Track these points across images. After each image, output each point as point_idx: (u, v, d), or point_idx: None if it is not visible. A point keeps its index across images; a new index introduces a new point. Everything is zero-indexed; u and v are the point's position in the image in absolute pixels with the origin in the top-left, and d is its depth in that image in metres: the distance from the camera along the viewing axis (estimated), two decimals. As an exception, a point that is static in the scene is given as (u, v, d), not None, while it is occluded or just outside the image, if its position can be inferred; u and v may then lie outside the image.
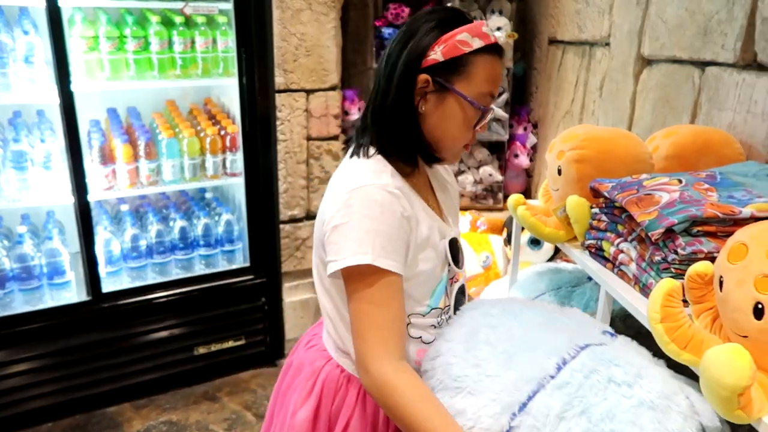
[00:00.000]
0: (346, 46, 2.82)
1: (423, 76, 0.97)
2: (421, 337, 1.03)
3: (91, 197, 2.13)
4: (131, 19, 2.18)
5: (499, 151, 2.88)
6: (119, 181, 2.24)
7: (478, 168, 2.88)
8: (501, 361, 0.89)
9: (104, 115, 2.43)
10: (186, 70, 2.28)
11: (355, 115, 2.83)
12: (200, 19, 2.25)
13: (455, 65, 0.96)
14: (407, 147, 1.00)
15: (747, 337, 0.79)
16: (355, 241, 0.90)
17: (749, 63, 1.47)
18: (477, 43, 0.96)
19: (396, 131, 0.99)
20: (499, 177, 2.84)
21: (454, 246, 1.06)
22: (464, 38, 0.96)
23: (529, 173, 2.93)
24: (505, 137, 2.79)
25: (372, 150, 1.00)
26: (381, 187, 0.93)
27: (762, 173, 1.17)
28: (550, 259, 2.21)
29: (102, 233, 2.24)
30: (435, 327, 1.03)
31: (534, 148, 2.83)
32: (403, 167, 1.01)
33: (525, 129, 2.83)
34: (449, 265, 1.05)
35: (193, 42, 2.27)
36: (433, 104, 0.98)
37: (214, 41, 2.29)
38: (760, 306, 0.76)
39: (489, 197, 2.90)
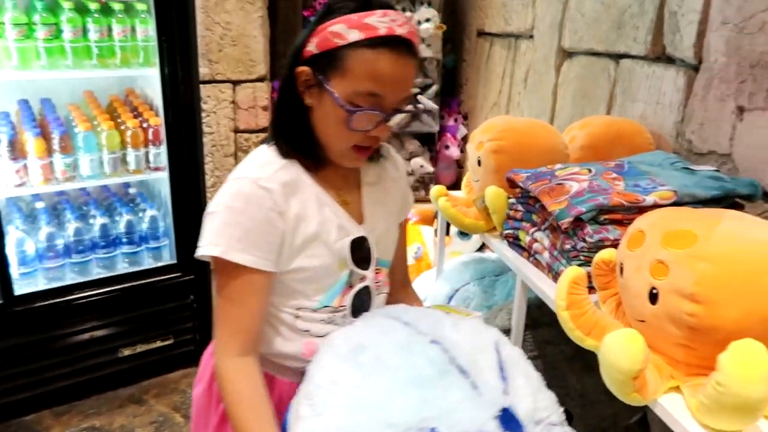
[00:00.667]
0: (275, 36, 2.76)
1: (302, 69, 0.92)
2: (309, 330, 1.00)
3: (0, 194, 2.00)
4: (41, 5, 2.05)
5: (430, 142, 2.90)
6: (32, 177, 2.11)
7: (409, 159, 2.89)
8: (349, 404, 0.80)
9: (15, 107, 2.29)
10: (103, 59, 2.17)
11: (285, 106, 2.78)
12: (117, 6, 2.14)
13: (331, 59, 0.89)
14: (297, 141, 0.97)
15: (644, 322, 0.82)
16: (213, 231, 0.90)
17: (659, 56, 1.53)
18: (354, 36, 0.87)
19: (282, 124, 0.97)
20: (430, 168, 2.86)
21: (359, 246, 1.00)
22: (338, 30, 0.88)
23: (459, 164, 2.96)
24: (436, 129, 2.81)
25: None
26: (254, 180, 0.92)
27: (667, 162, 1.22)
28: (479, 249, 2.25)
29: (14, 232, 2.11)
30: (326, 323, 1.01)
31: (464, 139, 2.87)
32: (304, 160, 0.98)
33: (455, 120, 2.86)
34: (349, 265, 1.00)
35: (110, 30, 2.16)
36: (315, 99, 0.93)
37: (133, 29, 2.19)
38: (654, 291, 0.79)
39: (421, 188, 2.92)
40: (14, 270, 2.08)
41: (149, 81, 2.39)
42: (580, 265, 1.01)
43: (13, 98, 2.29)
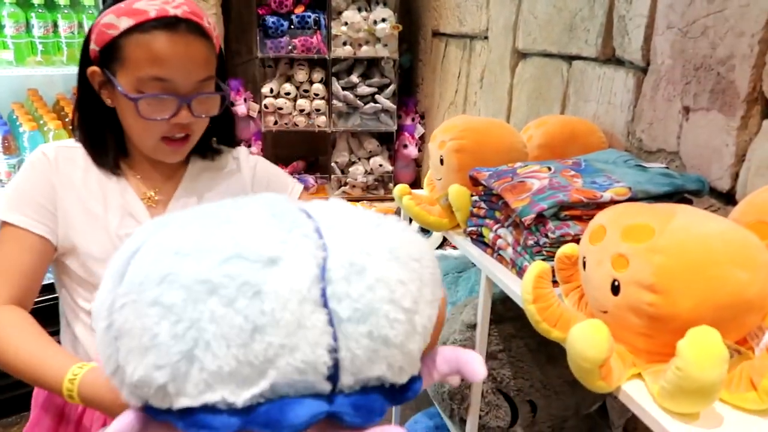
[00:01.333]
0: (229, 34, 2.73)
1: (91, 69, 0.92)
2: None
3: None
4: (-20, -1, 1.96)
5: (388, 141, 2.92)
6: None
7: (368, 159, 2.90)
8: None
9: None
10: (48, 56, 2.09)
11: (240, 105, 2.74)
12: (63, 1, 2.07)
13: (110, 52, 0.89)
14: (100, 146, 0.99)
15: (607, 313, 0.86)
16: (3, 194, 0.96)
17: (609, 57, 1.59)
18: (125, 23, 0.86)
19: (84, 129, 0.99)
20: (389, 167, 2.88)
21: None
22: (109, 21, 0.87)
23: (418, 163, 3.00)
24: (394, 128, 2.83)
25: None
26: (42, 148, 0.98)
27: (620, 160, 1.27)
28: (439, 247, 2.28)
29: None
30: None
31: (422, 138, 2.90)
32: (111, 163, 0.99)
33: (413, 120, 2.88)
34: None
35: (55, 25, 2.09)
36: (112, 97, 0.93)
37: (80, 25, 2.12)
38: (616, 283, 0.82)
39: (380, 187, 2.94)
40: None
41: (98, 79, 2.32)
42: (543, 260, 1.04)
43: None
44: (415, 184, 2.92)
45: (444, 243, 2.33)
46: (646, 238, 0.81)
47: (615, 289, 0.83)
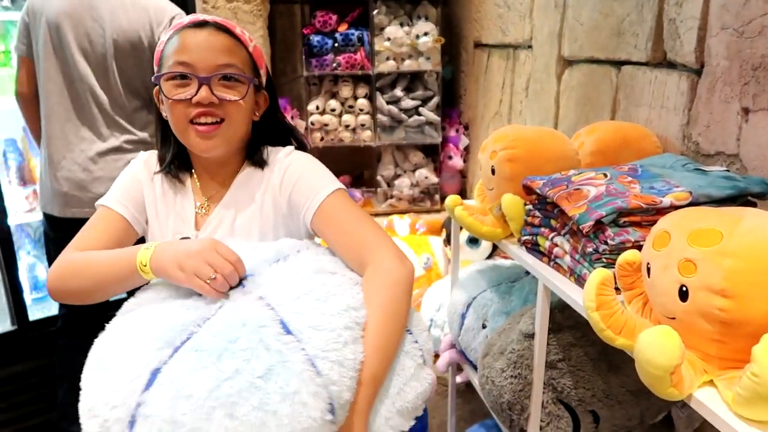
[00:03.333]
0: (275, 54, 2.80)
1: (155, 89, 1.07)
2: None
3: (11, 221, 2.01)
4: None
5: (433, 153, 2.94)
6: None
7: (414, 171, 2.92)
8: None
9: (21, 133, 2.31)
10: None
11: (288, 123, 2.81)
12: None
13: (160, 65, 1.06)
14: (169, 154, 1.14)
15: (675, 319, 0.84)
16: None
17: (660, 61, 1.57)
18: (166, 36, 1.05)
19: (158, 141, 1.16)
20: (434, 179, 2.90)
21: None
22: (162, 39, 1.07)
23: (463, 174, 3.00)
24: (438, 140, 2.85)
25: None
26: (145, 158, 1.16)
27: (678, 164, 1.25)
28: (489, 257, 2.27)
29: (25, 258, 2.12)
30: None
31: (467, 149, 2.90)
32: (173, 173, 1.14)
33: (457, 131, 2.90)
34: None
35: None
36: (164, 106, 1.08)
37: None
38: (684, 288, 0.81)
39: (426, 199, 2.95)
40: (27, 296, 2.09)
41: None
42: (603, 267, 1.03)
43: (18, 125, 2.31)
44: (461, 195, 2.92)
45: (493, 253, 2.32)
46: (714, 242, 0.79)
47: (683, 295, 0.82)
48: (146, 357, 0.75)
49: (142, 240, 1.12)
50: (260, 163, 1.12)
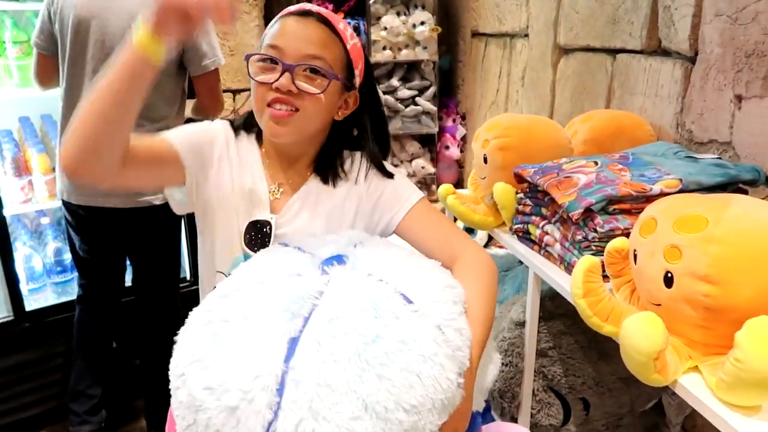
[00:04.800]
0: (272, 44, 2.78)
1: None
2: None
3: (7, 211, 2.01)
4: (42, 23, 2.07)
5: (430, 143, 2.93)
6: (37, 193, 2.12)
7: (410, 161, 2.91)
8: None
9: (17, 124, 2.30)
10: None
11: (284, 113, 2.80)
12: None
13: (260, 45, 1.05)
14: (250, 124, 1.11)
15: (660, 305, 0.84)
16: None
17: (655, 49, 1.56)
18: (273, 20, 1.05)
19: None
20: (431, 169, 2.89)
21: (254, 228, 1.07)
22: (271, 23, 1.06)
23: (460, 164, 2.99)
24: (435, 130, 2.84)
25: None
26: (223, 123, 1.12)
27: (670, 152, 1.25)
28: (485, 246, 2.27)
29: (21, 249, 2.12)
30: None
31: (464, 139, 2.90)
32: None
33: (454, 121, 2.88)
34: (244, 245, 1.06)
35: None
36: None
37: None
38: (669, 275, 0.81)
39: (423, 189, 2.94)
40: (23, 286, 2.09)
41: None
42: (592, 255, 1.03)
43: (14, 116, 2.31)
44: (458, 185, 2.91)
45: (489, 242, 2.32)
46: (699, 229, 0.79)
47: (668, 281, 0.82)
48: (278, 328, 0.77)
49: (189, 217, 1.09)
50: (332, 180, 1.11)
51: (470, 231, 2.27)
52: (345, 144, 1.13)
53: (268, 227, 1.06)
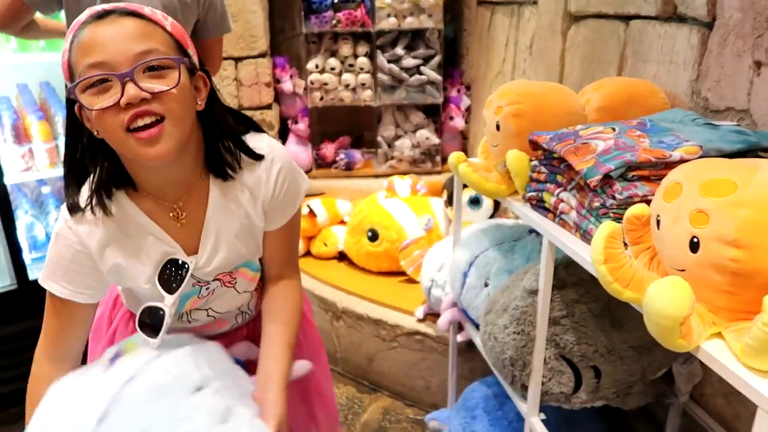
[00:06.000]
0: (273, 11, 2.73)
1: (76, 106, 0.90)
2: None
3: (8, 179, 1.99)
4: (38, -15, 2.01)
5: (434, 114, 2.90)
6: (38, 162, 2.10)
7: (414, 132, 2.89)
8: None
9: (15, 91, 2.26)
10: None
11: (286, 82, 2.76)
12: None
13: (71, 77, 0.89)
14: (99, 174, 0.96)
15: (684, 271, 0.83)
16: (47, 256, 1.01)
17: (670, 15, 1.52)
18: (67, 42, 0.88)
19: (77, 166, 0.98)
20: (435, 140, 2.86)
21: (168, 268, 1.00)
22: (64, 48, 0.89)
23: (464, 135, 2.96)
24: (440, 100, 2.80)
25: None
26: (66, 220, 0.97)
27: (687, 119, 1.22)
28: (490, 218, 2.26)
29: (23, 217, 2.10)
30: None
31: (468, 109, 2.86)
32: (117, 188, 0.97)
33: (458, 91, 2.85)
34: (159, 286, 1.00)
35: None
36: (90, 122, 0.91)
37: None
38: (695, 240, 0.80)
39: (427, 161, 2.92)
40: (26, 255, 2.07)
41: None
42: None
43: (12, 82, 2.27)
44: (462, 156, 2.89)
45: (494, 214, 2.31)
46: (728, 192, 0.78)
47: (694, 246, 0.80)
48: None
49: None
50: (224, 174, 1.00)
51: (476, 202, 2.25)
52: (220, 133, 0.99)
53: (184, 269, 1.00)
